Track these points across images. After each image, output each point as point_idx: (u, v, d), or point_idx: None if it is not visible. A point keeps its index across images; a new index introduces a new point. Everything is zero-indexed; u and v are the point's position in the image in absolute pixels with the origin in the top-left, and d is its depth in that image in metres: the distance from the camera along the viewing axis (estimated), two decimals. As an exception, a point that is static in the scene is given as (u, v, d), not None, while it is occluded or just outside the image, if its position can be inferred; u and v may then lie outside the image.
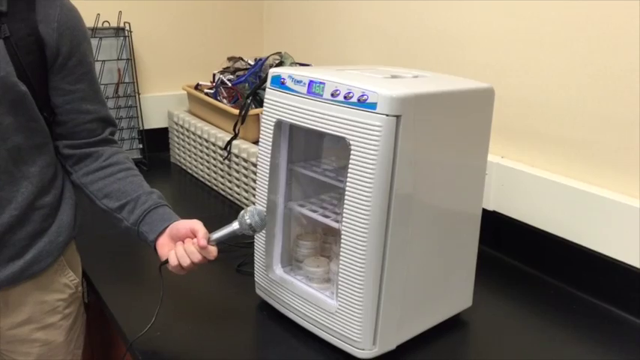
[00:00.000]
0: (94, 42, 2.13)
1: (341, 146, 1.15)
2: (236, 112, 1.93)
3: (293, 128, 1.27)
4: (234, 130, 1.92)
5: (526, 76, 1.55)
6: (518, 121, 1.59)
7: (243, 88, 2.04)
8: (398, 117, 1.05)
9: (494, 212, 1.62)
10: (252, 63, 2.16)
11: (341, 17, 2.11)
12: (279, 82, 1.24)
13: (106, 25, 2.18)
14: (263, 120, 1.27)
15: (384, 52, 1.95)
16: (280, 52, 2.12)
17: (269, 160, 1.27)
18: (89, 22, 2.11)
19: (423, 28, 1.80)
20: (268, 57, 2.09)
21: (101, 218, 1.27)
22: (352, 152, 1.09)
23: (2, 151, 1.12)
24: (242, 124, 1.91)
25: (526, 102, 1.56)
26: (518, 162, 1.59)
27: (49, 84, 1.17)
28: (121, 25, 2.20)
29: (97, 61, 2.16)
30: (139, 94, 2.27)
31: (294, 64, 2.06)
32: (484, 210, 1.32)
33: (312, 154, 1.34)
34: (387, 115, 1.05)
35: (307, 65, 2.09)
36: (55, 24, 1.14)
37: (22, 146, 1.15)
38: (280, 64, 2.03)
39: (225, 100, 2.06)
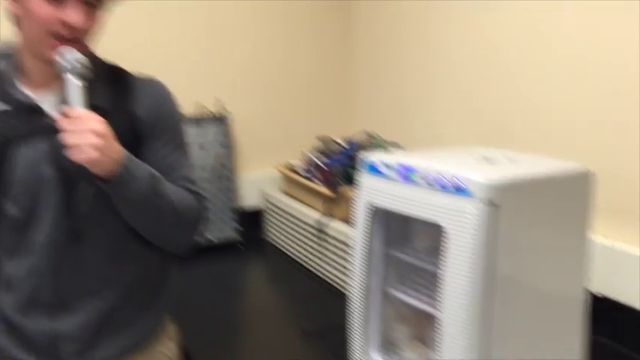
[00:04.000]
0: (193, 128, 2.27)
1: (436, 230, 1.15)
2: (329, 192, 1.97)
3: (387, 212, 1.28)
4: (327, 210, 1.95)
5: (627, 155, 1.49)
6: (622, 200, 1.52)
7: (336, 168, 2.09)
8: (494, 203, 1.04)
9: (600, 296, 1.54)
10: (343, 143, 2.22)
11: (431, 95, 2.14)
12: (371, 167, 1.27)
13: (205, 111, 2.32)
14: (357, 204, 1.30)
15: (476, 131, 1.94)
16: (370, 132, 2.16)
17: (364, 243, 1.28)
18: (189, 108, 2.26)
19: (516, 107, 1.79)
20: (359, 137, 2.14)
21: (199, 292, 1.30)
22: (448, 239, 1.08)
23: (121, 227, 1.18)
24: (335, 204, 1.94)
25: (630, 182, 1.50)
26: (627, 243, 1.51)
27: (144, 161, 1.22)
28: (220, 110, 2.34)
29: (199, 146, 2.29)
30: (235, 176, 2.38)
31: (384, 143, 2.10)
32: (591, 295, 1.26)
33: (407, 237, 1.34)
34: (482, 202, 1.04)
35: (398, 145, 2.11)
36: (156, 111, 1.22)
37: None
38: (371, 144, 2.07)
39: (317, 181, 2.11)
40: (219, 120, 2.34)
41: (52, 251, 1.14)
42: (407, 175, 1.17)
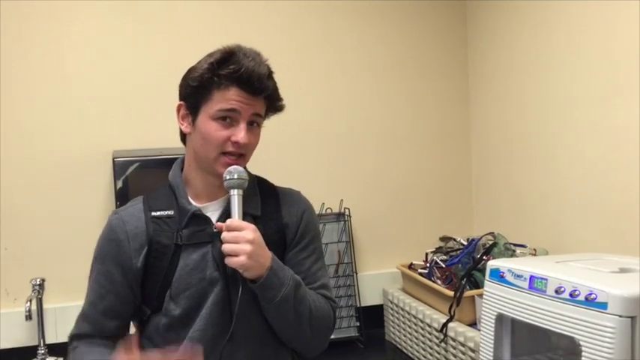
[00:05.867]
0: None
1: (569, 342, 1.12)
2: (450, 293, 1.95)
3: (515, 322, 1.26)
4: (449, 311, 1.93)
5: None
6: None
7: (457, 268, 2.07)
8: (633, 318, 1.00)
9: None
10: (465, 243, 2.20)
11: (554, 196, 2.10)
12: (498, 275, 1.27)
13: (328, 211, 2.41)
14: (483, 313, 1.29)
15: (605, 235, 1.86)
16: (493, 233, 2.14)
17: (492, 353, 1.26)
18: (316, 210, 2.35)
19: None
20: (481, 237, 2.12)
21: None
22: (583, 353, 1.05)
23: (264, 329, 1.27)
24: (457, 306, 1.92)
25: None
26: None
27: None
28: (342, 210, 2.43)
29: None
30: (356, 274, 2.42)
31: (507, 245, 2.06)
32: None
33: (538, 347, 1.30)
34: (620, 317, 1.01)
35: (522, 246, 2.07)
36: (299, 221, 1.35)
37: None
38: (494, 245, 2.04)
39: (439, 281, 2.10)
40: (341, 218, 2.42)
41: (206, 348, 1.22)
42: (537, 285, 1.16)
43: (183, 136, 1.32)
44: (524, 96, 2.24)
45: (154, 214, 1.26)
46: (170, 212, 1.26)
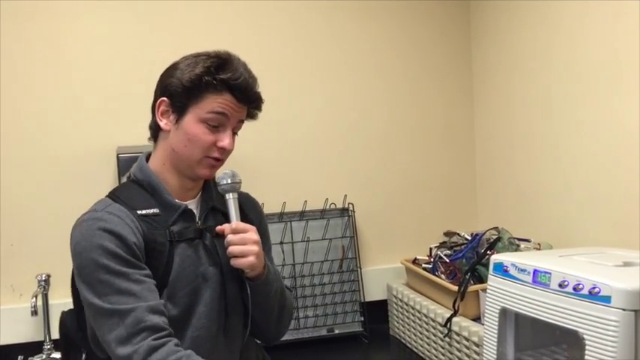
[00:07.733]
0: (322, 222, 2.38)
1: (572, 335, 1.12)
2: (454, 288, 1.95)
3: (519, 316, 1.26)
4: (453, 306, 1.93)
5: None
6: None
7: (461, 263, 2.07)
8: (636, 311, 1.01)
9: None
10: (469, 238, 2.20)
11: (558, 191, 2.09)
12: (501, 270, 1.27)
13: (332, 206, 2.41)
14: (487, 308, 1.29)
15: (609, 229, 1.86)
16: (497, 227, 2.14)
17: (496, 348, 1.26)
18: (320, 205, 2.37)
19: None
20: (485, 232, 2.12)
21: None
22: (587, 347, 1.05)
23: (244, 323, 1.31)
24: (461, 300, 1.92)
25: None
26: None
27: None
28: (346, 206, 2.43)
29: (325, 239, 2.38)
30: (360, 269, 2.42)
31: (512, 239, 2.06)
32: None
33: (541, 342, 1.31)
34: (623, 310, 1.01)
35: (526, 241, 2.07)
36: (260, 218, 1.41)
37: None
38: (498, 239, 2.04)
39: (443, 276, 2.10)
40: (345, 213, 2.43)
41: (205, 344, 1.22)
42: (541, 279, 1.16)
43: (156, 133, 1.30)
44: (528, 93, 2.23)
45: (139, 212, 1.21)
46: (155, 210, 1.22)
